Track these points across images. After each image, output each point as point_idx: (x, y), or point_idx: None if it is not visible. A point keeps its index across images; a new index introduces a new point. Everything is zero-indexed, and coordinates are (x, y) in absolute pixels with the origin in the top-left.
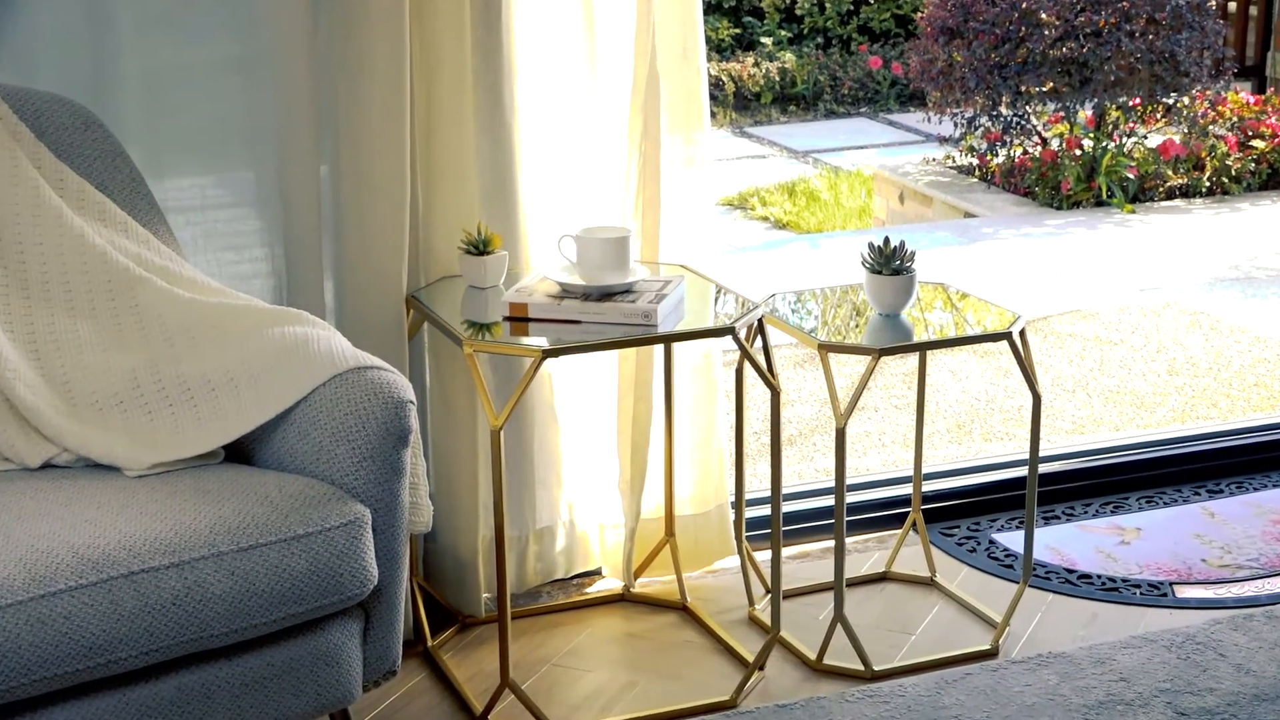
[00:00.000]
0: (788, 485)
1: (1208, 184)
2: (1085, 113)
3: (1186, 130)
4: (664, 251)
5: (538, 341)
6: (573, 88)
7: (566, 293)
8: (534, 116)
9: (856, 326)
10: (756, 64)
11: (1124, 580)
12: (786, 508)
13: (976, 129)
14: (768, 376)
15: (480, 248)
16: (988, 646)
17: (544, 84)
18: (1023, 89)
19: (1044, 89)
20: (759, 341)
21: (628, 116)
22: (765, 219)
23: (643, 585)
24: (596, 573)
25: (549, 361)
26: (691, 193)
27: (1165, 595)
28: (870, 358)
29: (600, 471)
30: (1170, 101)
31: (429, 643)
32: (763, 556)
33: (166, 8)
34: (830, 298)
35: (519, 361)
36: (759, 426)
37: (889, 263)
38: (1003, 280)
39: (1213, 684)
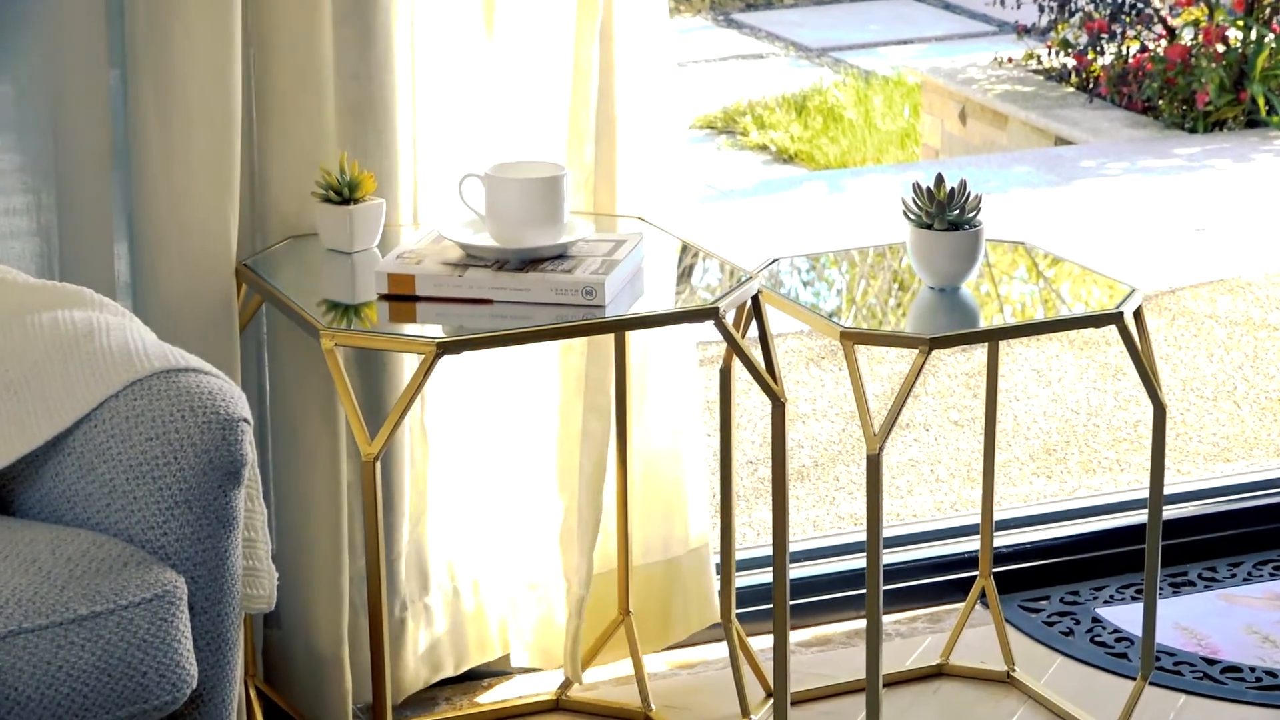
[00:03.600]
0: (798, 539)
1: None
2: None
3: None
4: (621, 199)
5: (429, 330)
6: None
7: (472, 259)
8: None
9: (897, 306)
10: None
11: None
12: (796, 572)
13: (1072, 15)
14: (767, 380)
15: (344, 193)
16: None
17: None
18: None
19: None
20: (754, 329)
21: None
22: (763, 148)
23: (585, 686)
24: (504, 669)
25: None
26: (657, 113)
27: None
28: (917, 351)
29: (508, 517)
30: None
31: None
32: (762, 644)
33: None
34: (859, 264)
35: (401, 361)
36: (755, 454)
37: (944, 212)
38: (1111, 237)
39: None
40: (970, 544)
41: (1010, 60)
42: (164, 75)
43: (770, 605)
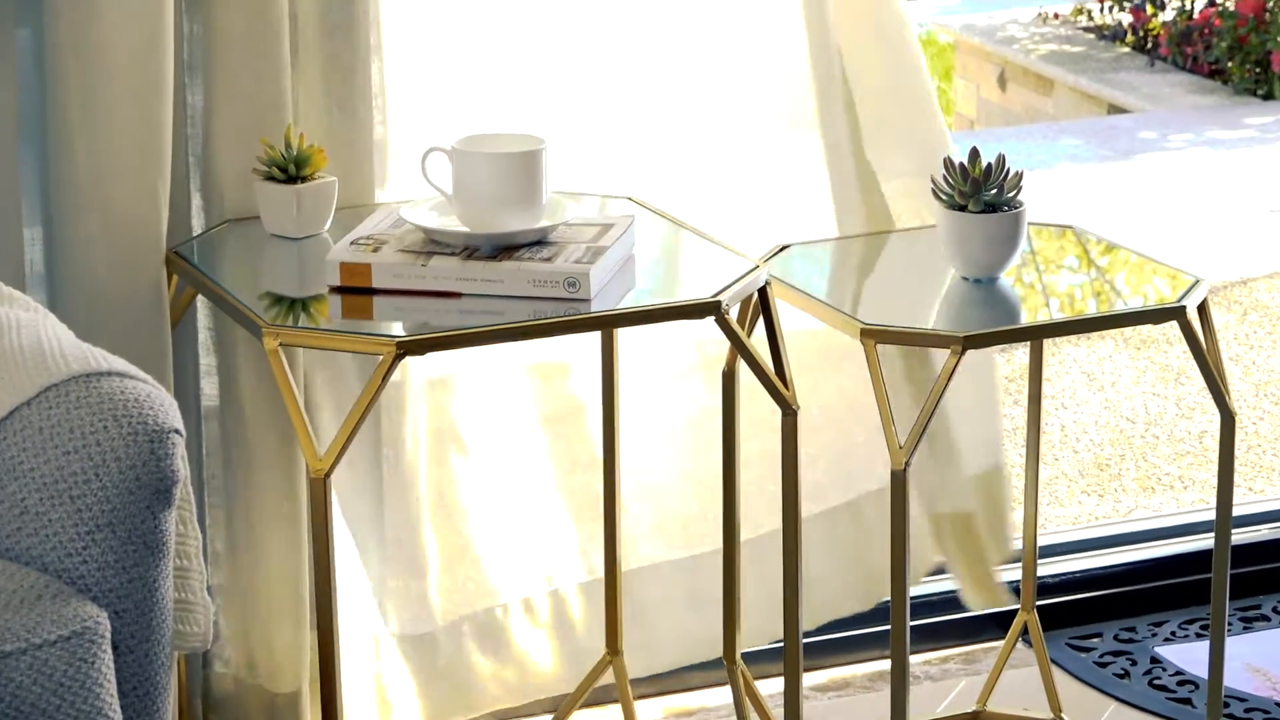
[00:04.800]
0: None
1: None
2: None
3: None
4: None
5: (388, 328)
6: None
7: (437, 246)
8: None
9: (926, 299)
10: None
11: None
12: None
13: None
14: (777, 385)
15: (290, 170)
16: None
17: None
18: None
19: None
20: (761, 326)
21: None
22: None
23: None
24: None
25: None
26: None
27: None
28: (949, 351)
29: (544, 532)
30: None
31: None
32: (771, 688)
33: None
34: (882, 250)
35: (358, 362)
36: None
37: (980, 192)
38: (1173, 219)
39: None
40: (1011, 573)
41: (1057, 16)
42: (86, 33)
43: (781, 643)
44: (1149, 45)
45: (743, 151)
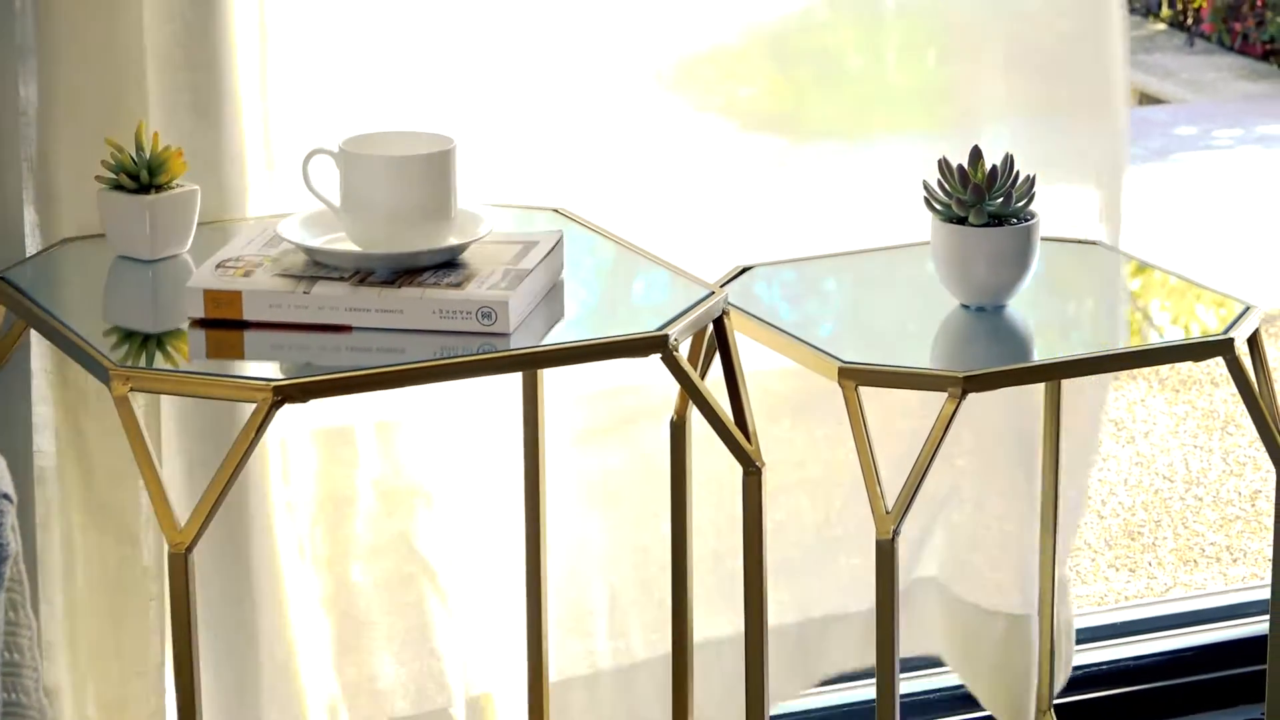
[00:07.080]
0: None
1: None
2: None
3: None
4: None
5: (261, 370)
6: None
7: (323, 269)
8: None
9: (918, 331)
10: None
11: None
12: (782, 707)
13: None
14: (737, 436)
15: (142, 178)
16: None
17: None
18: None
19: None
20: (718, 364)
21: None
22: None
23: None
24: None
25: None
26: None
27: None
28: (947, 395)
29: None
30: None
31: None
32: None
33: None
34: (864, 272)
35: (229, 411)
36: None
37: (983, 201)
38: (1218, 233)
39: None
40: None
41: None
42: None
43: None
44: (1189, 20)
45: (696, 154)
